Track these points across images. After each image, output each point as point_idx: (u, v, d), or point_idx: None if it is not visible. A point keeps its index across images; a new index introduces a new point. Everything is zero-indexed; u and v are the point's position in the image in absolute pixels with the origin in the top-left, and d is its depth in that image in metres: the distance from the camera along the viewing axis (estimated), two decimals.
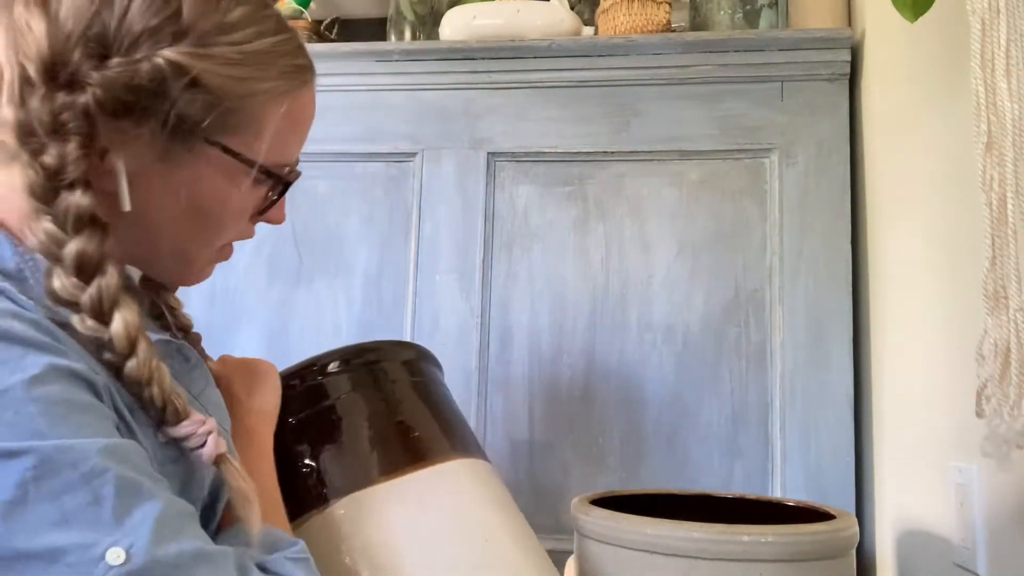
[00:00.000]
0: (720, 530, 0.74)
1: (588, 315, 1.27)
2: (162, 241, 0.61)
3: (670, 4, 1.36)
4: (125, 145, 0.55)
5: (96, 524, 0.44)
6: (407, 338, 1.30)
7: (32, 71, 0.52)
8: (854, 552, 0.81)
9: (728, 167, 1.27)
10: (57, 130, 0.52)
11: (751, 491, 1.18)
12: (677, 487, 1.16)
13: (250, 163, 0.60)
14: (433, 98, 1.36)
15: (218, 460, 0.57)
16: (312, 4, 1.57)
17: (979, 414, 0.59)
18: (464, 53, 1.35)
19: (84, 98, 0.52)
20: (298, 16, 1.54)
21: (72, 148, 0.52)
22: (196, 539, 0.49)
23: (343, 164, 1.38)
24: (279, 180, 0.63)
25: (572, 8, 1.42)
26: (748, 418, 1.21)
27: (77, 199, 0.52)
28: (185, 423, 0.56)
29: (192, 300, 1.37)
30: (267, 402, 0.77)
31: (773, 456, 1.19)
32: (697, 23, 1.42)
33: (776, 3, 1.42)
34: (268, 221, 0.68)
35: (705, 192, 1.27)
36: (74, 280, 0.52)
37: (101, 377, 0.52)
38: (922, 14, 0.72)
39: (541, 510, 1.22)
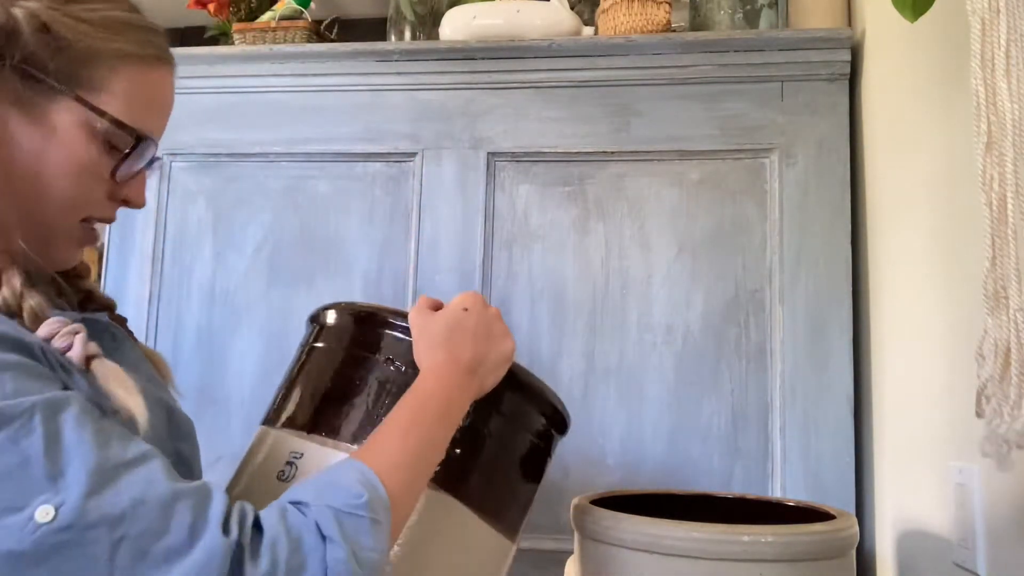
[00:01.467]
0: (720, 530, 0.74)
1: (588, 315, 1.27)
2: (22, 201, 0.61)
3: (670, 4, 1.36)
4: None
5: (29, 481, 0.45)
6: None
7: None
8: (854, 552, 0.81)
9: (728, 167, 1.27)
10: None
11: (751, 491, 1.18)
12: (677, 487, 1.16)
13: (100, 113, 0.61)
14: (433, 98, 1.36)
15: (88, 361, 0.57)
16: (312, 4, 1.57)
17: (979, 414, 0.59)
18: (464, 53, 1.35)
19: None
20: (298, 16, 1.54)
21: None
22: (138, 485, 0.48)
23: (343, 164, 1.38)
24: (132, 138, 0.64)
25: (572, 8, 1.42)
26: (748, 418, 1.21)
27: None
28: (44, 324, 0.56)
29: (192, 301, 1.37)
30: (494, 367, 0.75)
31: (773, 456, 1.19)
32: (697, 23, 1.42)
33: (776, 3, 1.41)
34: (128, 203, 0.68)
35: (705, 192, 1.27)
36: None
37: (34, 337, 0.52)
38: (922, 14, 0.72)
39: (541, 510, 1.22)
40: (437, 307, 0.77)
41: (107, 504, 0.46)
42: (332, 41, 1.54)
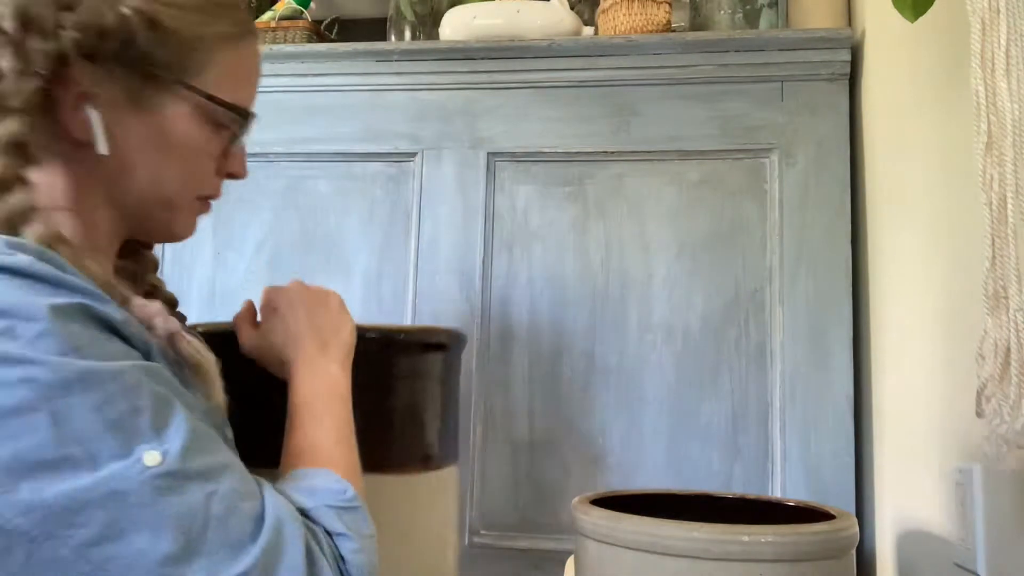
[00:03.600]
0: (720, 530, 0.74)
1: (588, 315, 1.27)
2: (144, 187, 0.65)
3: (670, 4, 1.36)
4: (98, 91, 0.60)
5: (135, 430, 0.49)
6: None
7: (6, 26, 0.57)
8: (854, 552, 0.81)
9: (728, 167, 1.27)
10: (24, 72, 0.57)
11: (751, 491, 1.18)
12: (677, 487, 1.16)
13: (210, 98, 0.65)
14: (433, 98, 1.36)
15: (172, 338, 0.60)
16: (312, 4, 1.57)
17: (979, 414, 0.59)
18: (464, 53, 1.35)
19: (57, 43, 0.58)
20: (298, 16, 1.54)
21: (29, 83, 0.57)
22: (223, 455, 0.53)
23: (343, 164, 1.38)
24: (238, 117, 0.68)
25: (572, 8, 1.42)
26: (748, 418, 1.21)
27: (7, 124, 0.56)
28: (131, 307, 0.58)
29: (192, 301, 1.37)
30: (340, 327, 0.75)
31: (773, 456, 1.19)
32: (697, 23, 1.42)
33: (776, 3, 1.41)
34: (232, 175, 0.72)
35: (705, 192, 1.27)
36: (34, 245, 0.54)
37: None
38: (922, 14, 0.72)
39: (541, 510, 1.22)
40: (252, 317, 0.78)
41: (203, 459, 0.51)
42: (332, 41, 1.54)
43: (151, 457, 0.48)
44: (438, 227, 1.33)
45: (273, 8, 1.57)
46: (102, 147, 0.60)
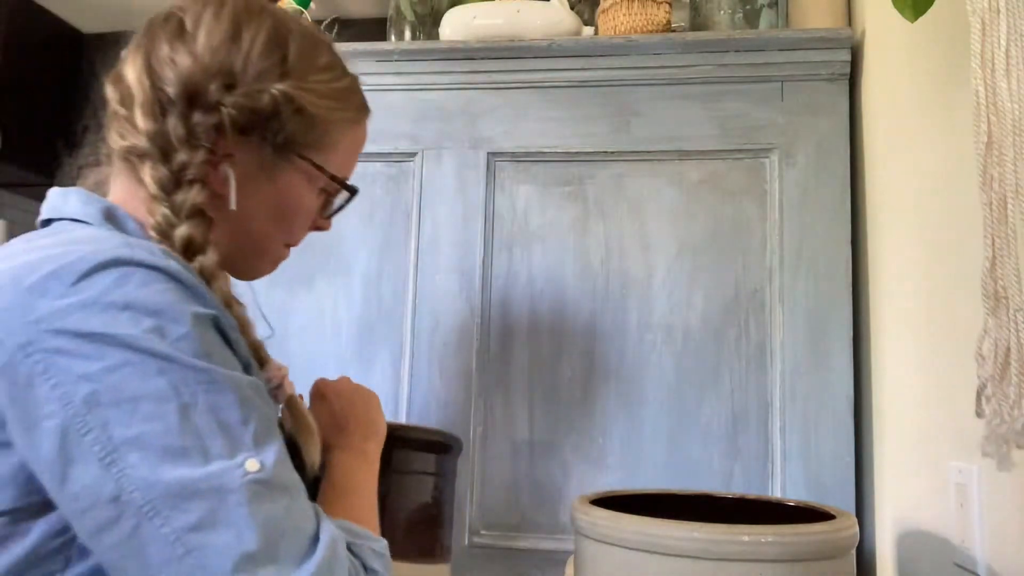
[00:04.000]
0: (720, 530, 0.74)
1: (588, 315, 1.27)
2: (250, 237, 0.73)
3: (670, 4, 1.36)
4: (240, 156, 0.69)
5: (240, 440, 0.54)
6: (407, 338, 1.30)
7: (173, 94, 0.66)
8: (854, 552, 0.81)
9: (728, 167, 1.27)
10: (189, 140, 0.66)
11: (751, 491, 1.18)
12: (677, 487, 1.16)
13: (328, 175, 0.75)
14: (433, 98, 1.36)
15: (289, 400, 0.71)
16: (312, 4, 1.57)
17: (979, 414, 0.59)
18: (464, 53, 1.35)
19: (217, 118, 0.67)
20: (298, 16, 1.53)
21: (199, 155, 0.66)
22: (296, 477, 0.59)
23: None
24: (346, 190, 0.78)
25: (572, 8, 1.42)
26: (748, 418, 1.21)
27: (194, 194, 0.65)
28: (268, 368, 0.69)
29: None
30: (379, 425, 0.85)
31: (773, 456, 1.19)
32: (697, 23, 1.42)
33: (776, 3, 1.42)
34: (318, 228, 0.81)
35: (705, 192, 1.27)
36: (184, 261, 0.62)
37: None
38: (922, 14, 0.72)
39: (541, 510, 1.22)
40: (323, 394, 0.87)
41: (288, 476, 0.57)
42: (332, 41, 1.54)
43: (252, 464, 0.54)
44: (438, 227, 1.33)
45: None
46: (232, 203, 0.68)
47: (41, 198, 0.73)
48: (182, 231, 0.64)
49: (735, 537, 0.73)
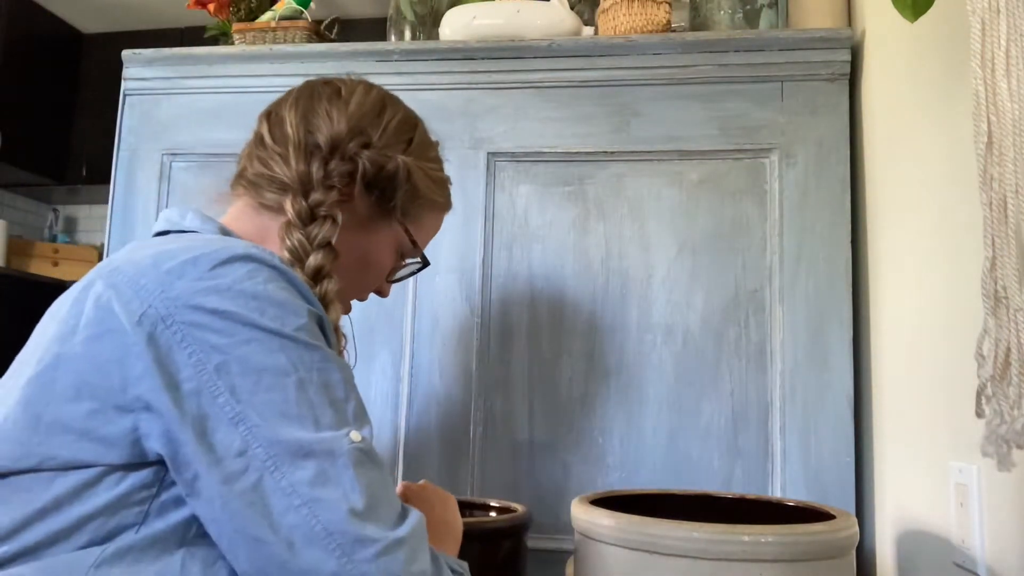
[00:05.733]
0: (720, 530, 0.74)
1: (588, 315, 1.27)
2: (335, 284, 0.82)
3: (670, 4, 1.36)
4: (355, 206, 0.80)
5: (345, 415, 0.62)
6: (407, 338, 1.30)
7: (321, 142, 0.79)
8: (854, 552, 0.81)
9: (728, 167, 1.27)
10: (325, 182, 0.77)
11: (751, 491, 1.18)
12: (677, 487, 1.16)
13: (413, 241, 0.86)
14: (433, 98, 1.36)
15: None
16: (312, 4, 1.57)
17: (979, 414, 0.59)
18: (464, 53, 1.35)
19: (352, 167, 0.79)
20: (298, 16, 1.54)
21: (332, 195, 0.77)
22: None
23: None
24: (423, 262, 0.91)
25: (572, 8, 1.42)
26: (748, 418, 1.21)
27: (326, 229, 0.76)
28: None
29: None
30: (454, 526, 0.91)
31: (773, 456, 1.19)
32: (697, 23, 1.42)
33: (776, 3, 1.41)
34: (379, 292, 0.91)
35: (705, 192, 1.27)
36: (309, 282, 0.71)
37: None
38: (922, 14, 0.72)
39: (541, 510, 1.22)
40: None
41: (378, 454, 0.63)
42: (332, 41, 1.54)
43: (355, 435, 0.61)
44: None
45: (273, 8, 1.57)
46: (334, 240, 0.77)
47: (41, 198, 0.74)
48: (313, 260, 0.74)
49: (735, 537, 0.73)
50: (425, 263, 0.91)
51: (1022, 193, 0.56)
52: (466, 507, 1.16)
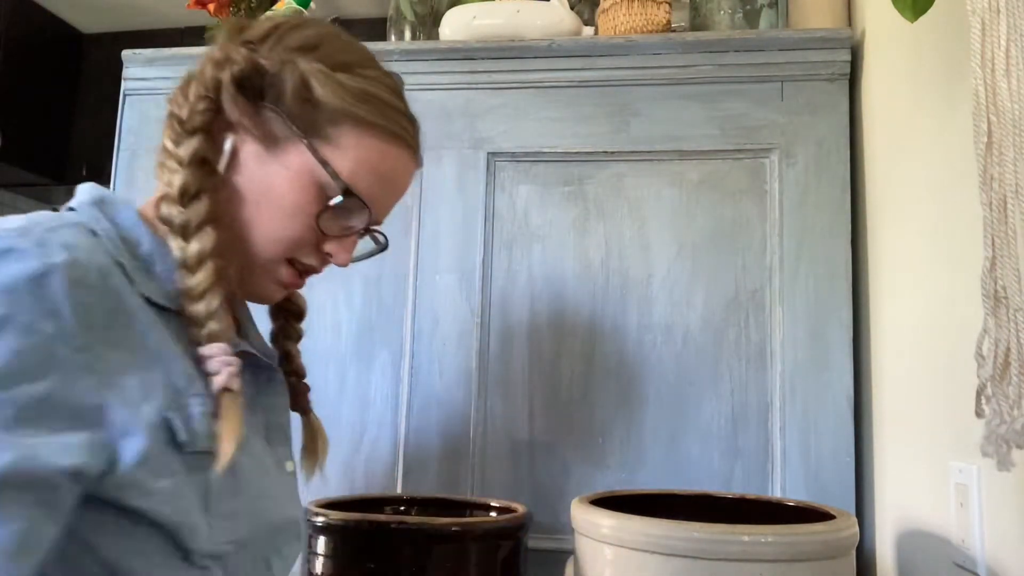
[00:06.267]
0: (720, 530, 0.74)
1: (588, 315, 1.27)
2: (237, 223, 0.71)
3: (670, 4, 1.36)
4: (240, 124, 0.70)
5: None
6: (407, 338, 1.30)
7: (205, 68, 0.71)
8: (854, 552, 0.81)
9: (728, 167, 1.27)
10: (201, 93, 0.69)
11: (751, 491, 1.18)
12: (677, 487, 1.16)
13: (323, 163, 0.70)
14: (433, 98, 1.36)
15: (224, 391, 0.64)
16: (312, 4, 1.57)
17: (979, 414, 0.59)
18: (464, 53, 1.35)
19: (224, 67, 0.69)
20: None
21: (201, 104, 0.69)
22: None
23: None
24: (350, 200, 0.71)
25: (572, 8, 1.42)
26: (748, 418, 1.21)
27: (197, 142, 0.68)
28: (214, 346, 0.65)
29: None
30: None
31: (773, 456, 1.19)
32: (697, 23, 1.42)
33: (776, 3, 1.41)
34: (331, 256, 0.75)
35: (705, 192, 1.27)
36: (177, 207, 0.66)
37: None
38: (922, 14, 0.72)
39: (541, 510, 1.22)
40: None
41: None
42: None
43: None
44: (438, 227, 1.33)
45: (273, 8, 1.57)
46: (221, 167, 0.69)
47: (41, 198, 0.74)
48: (179, 177, 0.67)
49: (735, 537, 0.73)
50: (346, 195, 0.71)
51: (1022, 193, 0.56)
52: (466, 507, 1.16)
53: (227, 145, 0.70)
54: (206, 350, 0.65)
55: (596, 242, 1.29)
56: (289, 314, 0.90)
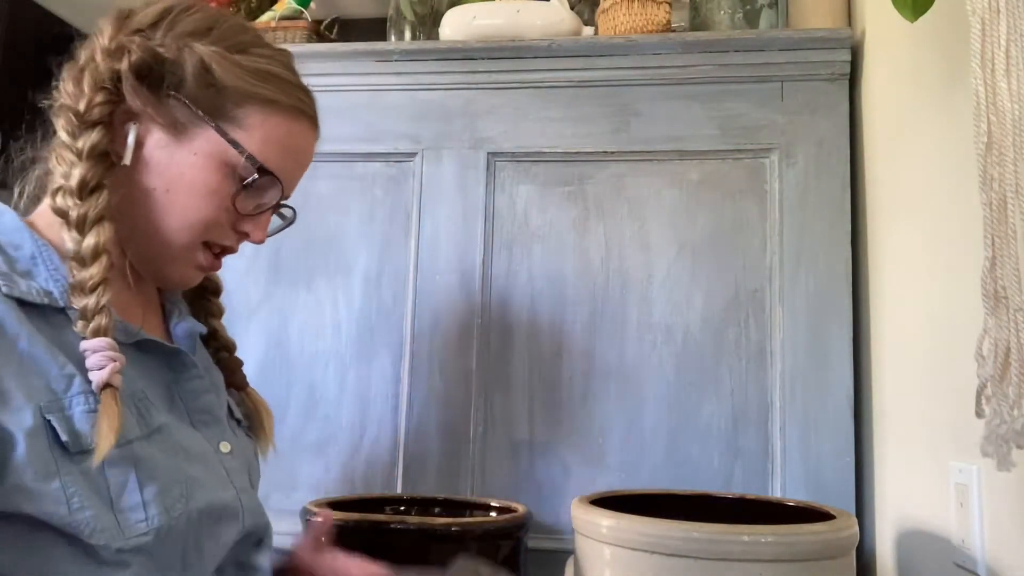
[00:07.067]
0: (720, 530, 0.74)
1: (588, 315, 1.27)
2: (152, 214, 0.71)
3: (670, 4, 1.36)
4: (142, 113, 0.70)
5: None
6: (407, 338, 1.30)
7: (85, 56, 0.71)
8: (854, 552, 0.81)
9: (728, 167, 1.27)
10: (94, 83, 0.68)
11: (751, 491, 1.18)
12: (677, 487, 1.16)
13: (233, 144, 0.71)
14: (433, 98, 1.36)
15: (104, 387, 0.63)
16: (312, 4, 1.57)
17: (979, 414, 0.59)
18: (464, 53, 1.35)
19: (120, 59, 0.69)
20: (298, 16, 1.54)
21: (100, 95, 0.68)
22: None
23: (343, 164, 1.38)
24: (255, 170, 0.73)
25: (572, 8, 1.42)
26: (748, 418, 1.21)
27: (97, 134, 0.68)
28: (96, 341, 0.64)
29: None
30: None
31: (773, 456, 1.19)
32: (697, 23, 1.42)
33: (776, 3, 1.41)
34: (248, 236, 0.77)
35: (705, 192, 1.27)
36: (74, 199, 0.66)
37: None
38: (922, 14, 0.72)
39: (541, 510, 1.22)
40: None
41: None
42: (332, 41, 1.54)
43: None
44: (438, 227, 1.33)
45: (273, 8, 1.57)
46: (127, 158, 0.69)
47: None
48: (78, 172, 0.66)
49: (735, 537, 0.73)
50: (260, 173, 0.73)
51: (1022, 193, 0.56)
52: (466, 507, 1.16)
53: (130, 136, 0.69)
54: (88, 344, 0.64)
55: (596, 242, 1.29)
56: (207, 291, 0.89)
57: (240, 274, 1.36)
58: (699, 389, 1.23)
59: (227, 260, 0.81)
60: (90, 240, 0.66)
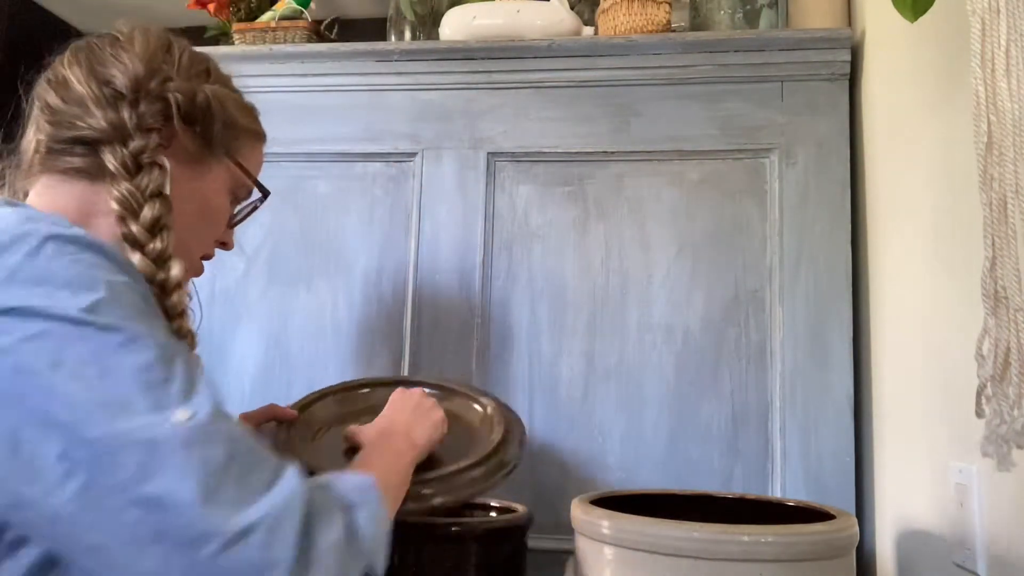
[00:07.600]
0: (720, 530, 0.74)
1: (588, 315, 1.27)
2: (176, 232, 0.76)
3: (670, 4, 1.36)
4: (177, 148, 0.75)
5: (166, 395, 0.55)
6: (407, 338, 1.30)
7: (122, 87, 0.73)
8: (854, 552, 0.81)
9: (728, 167, 1.27)
10: (141, 126, 0.72)
11: (751, 491, 1.18)
12: (677, 487, 1.16)
13: (247, 173, 0.83)
14: (433, 98, 1.36)
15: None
16: (312, 4, 1.57)
17: (979, 414, 0.59)
18: (464, 53, 1.35)
19: (164, 105, 0.73)
20: (298, 16, 1.53)
21: (153, 138, 0.72)
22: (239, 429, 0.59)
23: (343, 164, 1.38)
24: (261, 194, 0.86)
25: (572, 8, 1.42)
26: (748, 418, 1.21)
27: (155, 176, 0.71)
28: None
29: (191, 301, 1.36)
30: (422, 435, 0.92)
31: (773, 456, 1.19)
32: (697, 23, 1.42)
33: (776, 3, 1.41)
34: (224, 245, 0.87)
35: (705, 192, 1.27)
36: (147, 236, 0.69)
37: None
38: (922, 14, 0.72)
39: (541, 510, 1.22)
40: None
41: (226, 425, 0.57)
42: (332, 41, 1.54)
43: (181, 414, 0.54)
44: (438, 227, 1.33)
45: (273, 8, 1.57)
46: (166, 189, 0.72)
47: None
48: (148, 211, 0.70)
49: (735, 537, 0.73)
50: (265, 194, 0.86)
51: (1022, 193, 0.56)
52: (466, 507, 1.16)
53: (167, 169, 0.73)
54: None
55: (596, 242, 1.29)
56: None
57: (240, 274, 1.37)
58: (699, 389, 1.23)
59: (227, 260, 0.85)
60: (175, 272, 0.71)
